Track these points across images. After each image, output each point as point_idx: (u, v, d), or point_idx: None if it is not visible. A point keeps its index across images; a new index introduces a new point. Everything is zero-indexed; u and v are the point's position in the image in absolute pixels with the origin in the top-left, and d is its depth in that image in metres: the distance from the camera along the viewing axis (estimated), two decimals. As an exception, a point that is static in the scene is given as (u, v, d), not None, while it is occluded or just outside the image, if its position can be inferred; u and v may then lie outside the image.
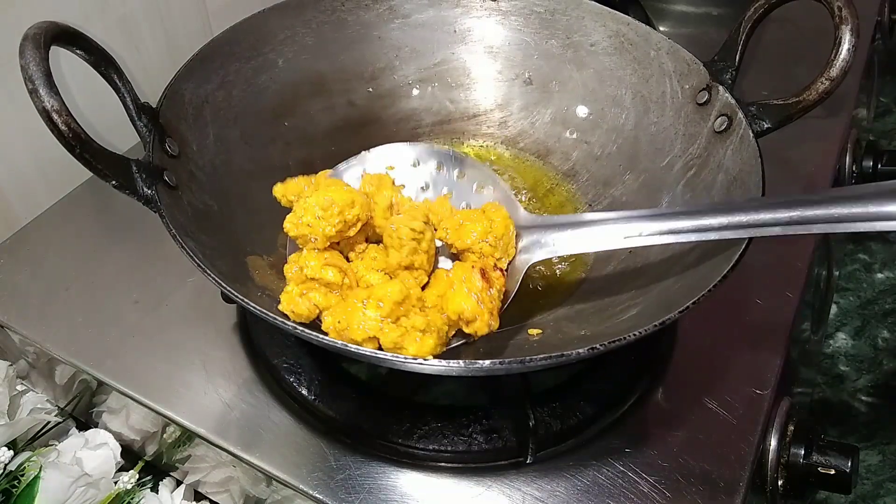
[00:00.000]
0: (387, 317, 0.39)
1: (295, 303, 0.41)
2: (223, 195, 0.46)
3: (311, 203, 0.42)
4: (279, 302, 0.42)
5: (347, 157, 0.52)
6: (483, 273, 0.42)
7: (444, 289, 0.41)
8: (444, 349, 0.40)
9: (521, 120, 0.58)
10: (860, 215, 0.35)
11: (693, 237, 0.40)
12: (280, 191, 0.46)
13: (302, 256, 0.42)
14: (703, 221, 0.39)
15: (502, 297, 0.43)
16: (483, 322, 0.40)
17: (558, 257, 0.50)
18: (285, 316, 0.40)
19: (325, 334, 0.39)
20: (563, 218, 0.45)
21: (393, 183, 0.48)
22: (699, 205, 0.46)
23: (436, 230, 0.45)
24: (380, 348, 0.39)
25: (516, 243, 0.45)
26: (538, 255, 0.44)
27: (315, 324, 0.41)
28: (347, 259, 0.44)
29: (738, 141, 0.46)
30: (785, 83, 0.48)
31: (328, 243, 0.42)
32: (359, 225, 0.43)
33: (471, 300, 0.40)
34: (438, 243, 0.46)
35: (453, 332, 0.41)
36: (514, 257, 0.45)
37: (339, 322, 0.39)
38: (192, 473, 0.50)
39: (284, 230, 0.42)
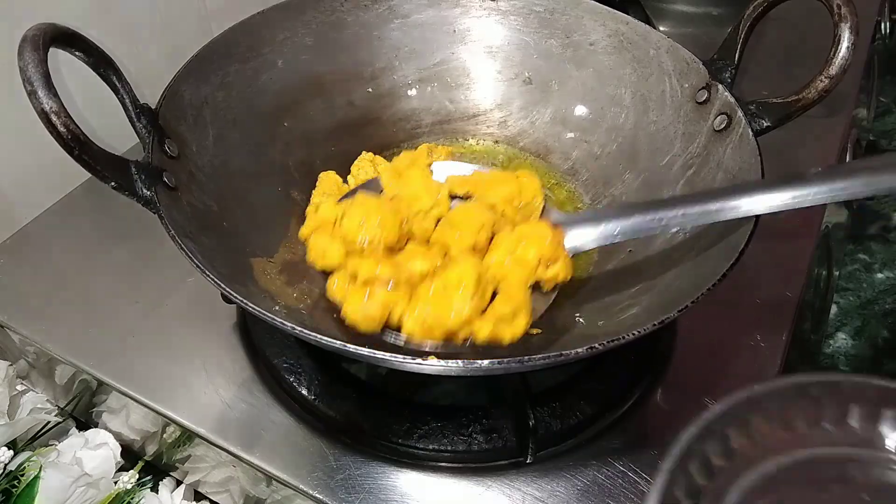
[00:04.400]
0: (473, 295, 0.40)
1: (364, 309, 0.41)
2: (223, 196, 0.46)
3: (371, 209, 0.43)
4: (280, 304, 0.41)
5: (347, 157, 0.51)
6: (552, 227, 0.43)
7: (514, 244, 0.43)
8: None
9: (520, 119, 0.58)
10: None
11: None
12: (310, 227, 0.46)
13: (349, 266, 0.42)
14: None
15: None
16: (563, 264, 0.42)
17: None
18: (285, 317, 0.39)
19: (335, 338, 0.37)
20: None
21: (429, 165, 0.49)
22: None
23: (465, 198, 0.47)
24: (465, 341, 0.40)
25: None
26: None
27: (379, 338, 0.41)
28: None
29: (738, 139, 0.46)
30: (785, 82, 0.48)
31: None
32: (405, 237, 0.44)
33: (548, 244, 0.42)
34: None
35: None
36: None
37: (424, 321, 0.40)
38: (192, 473, 0.50)
39: (345, 232, 0.43)
